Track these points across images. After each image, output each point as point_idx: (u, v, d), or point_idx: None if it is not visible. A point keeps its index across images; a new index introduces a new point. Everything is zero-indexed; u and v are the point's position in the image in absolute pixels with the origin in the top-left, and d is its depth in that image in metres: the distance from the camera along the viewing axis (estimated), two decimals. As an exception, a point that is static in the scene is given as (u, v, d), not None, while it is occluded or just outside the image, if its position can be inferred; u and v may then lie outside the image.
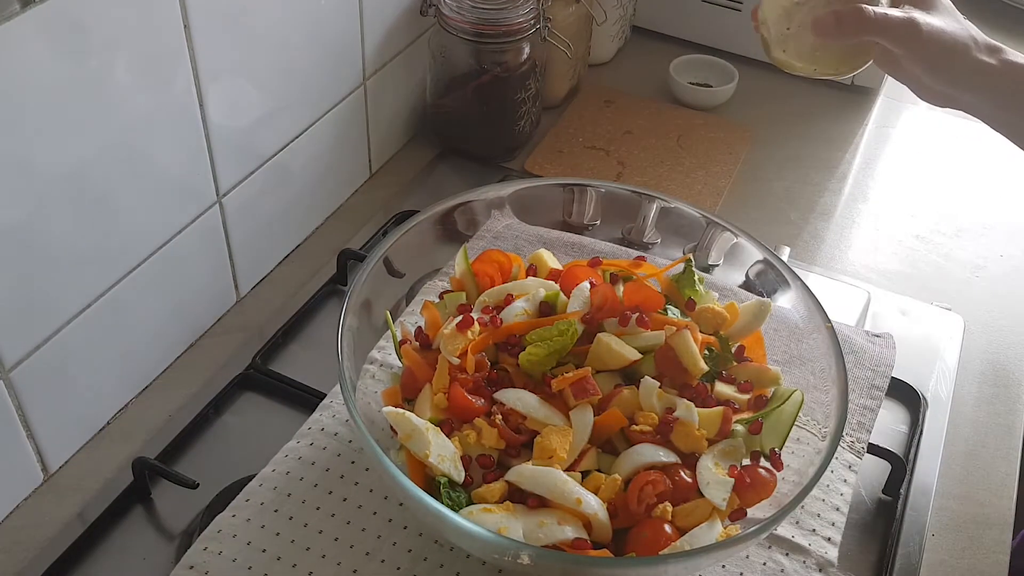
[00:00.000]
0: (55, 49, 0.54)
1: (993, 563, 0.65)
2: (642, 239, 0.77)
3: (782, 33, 0.67)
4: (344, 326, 0.59)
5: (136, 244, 0.66)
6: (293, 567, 0.58)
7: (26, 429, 0.62)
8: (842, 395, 0.57)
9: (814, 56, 0.67)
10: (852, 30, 0.64)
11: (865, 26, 0.63)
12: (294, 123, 0.79)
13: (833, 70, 0.68)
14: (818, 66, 0.68)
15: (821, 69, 0.68)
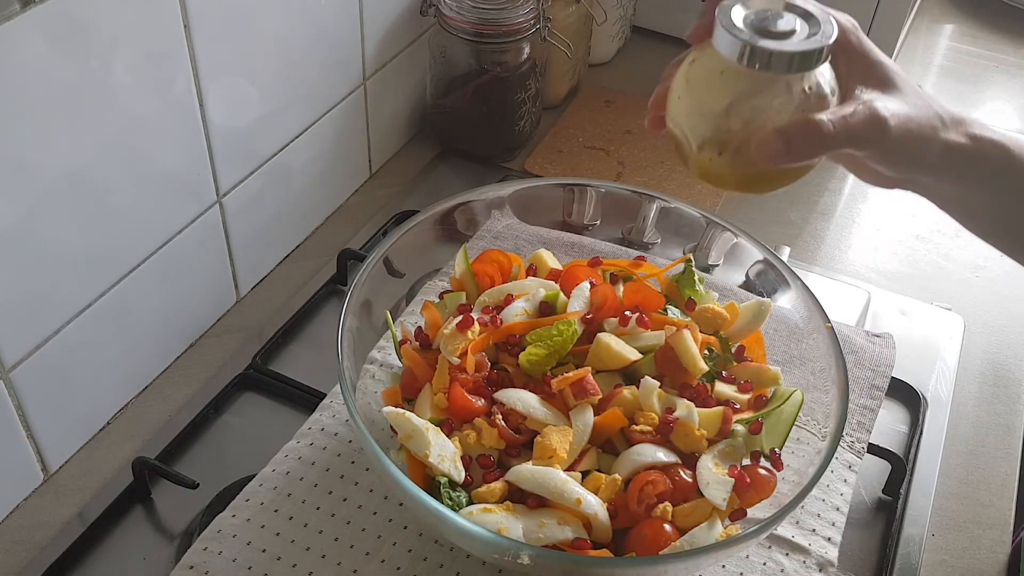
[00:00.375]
0: (55, 49, 0.54)
1: (993, 563, 0.65)
2: (642, 239, 0.77)
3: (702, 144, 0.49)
4: (344, 326, 0.59)
5: (136, 244, 0.66)
6: (293, 567, 0.58)
7: (26, 429, 0.62)
8: (842, 395, 0.57)
9: (748, 178, 0.50)
10: (808, 152, 0.48)
11: (825, 144, 0.47)
12: (294, 123, 0.79)
13: (770, 188, 0.52)
14: (755, 188, 0.51)
15: (758, 190, 0.52)
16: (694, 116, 0.49)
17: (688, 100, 0.50)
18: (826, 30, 0.46)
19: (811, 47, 0.45)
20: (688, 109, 0.50)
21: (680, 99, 0.51)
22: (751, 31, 0.46)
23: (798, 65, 0.46)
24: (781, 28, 0.46)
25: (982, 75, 1.19)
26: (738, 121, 0.47)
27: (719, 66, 0.47)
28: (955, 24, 1.30)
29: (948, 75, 1.19)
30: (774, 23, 0.46)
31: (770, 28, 0.46)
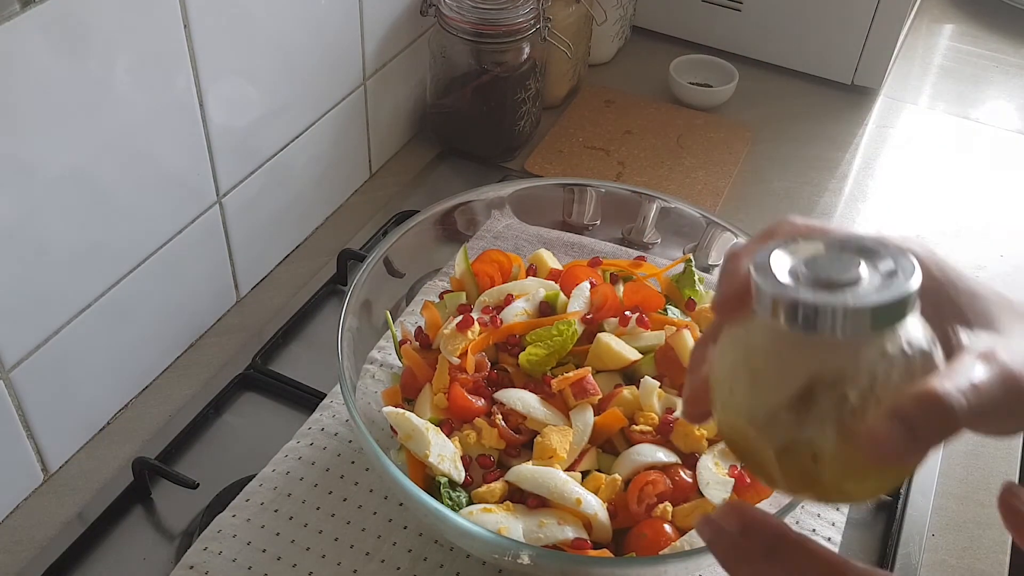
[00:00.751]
0: (56, 49, 0.54)
1: (993, 563, 0.65)
2: (642, 239, 0.77)
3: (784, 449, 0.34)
4: (344, 326, 0.59)
5: (136, 244, 0.66)
6: (293, 567, 0.58)
7: (26, 429, 0.62)
8: (842, 395, 0.57)
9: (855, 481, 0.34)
10: (938, 435, 0.33)
11: (958, 420, 0.32)
12: (294, 123, 0.79)
13: (882, 489, 0.36)
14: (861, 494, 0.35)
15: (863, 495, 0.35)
16: (763, 414, 0.34)
17: (749, 393, 0.34)
18: (903, 265, 0.33)
19: (899, 292, 0.32)
20: (751, 404, 0.34)
21: (734, 392, 0.35)
22: (808, 287, 0.33)
23: (888, 317, 0.32)
24: (843, 276, 0.33)
25: (982, 75, 1.19)
26: (828, 410, 0.33)
27: (778, 342, 0.33)
28: (955, 24, 1.30)
29: (948, 75, 1.19)
30: (832, 270, 0.33)
31: (830, 278, 0.33)
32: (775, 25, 1.11)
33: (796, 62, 1.13)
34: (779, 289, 0.33)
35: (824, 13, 1.07)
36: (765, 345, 0.34)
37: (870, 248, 0.34)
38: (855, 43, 1.08)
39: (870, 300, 0.32)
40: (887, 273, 0.33)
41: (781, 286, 0.33)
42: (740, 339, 0.35)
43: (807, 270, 0.33)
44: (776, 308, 0.33)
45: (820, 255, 0.34)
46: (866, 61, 1.09)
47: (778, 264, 0.34)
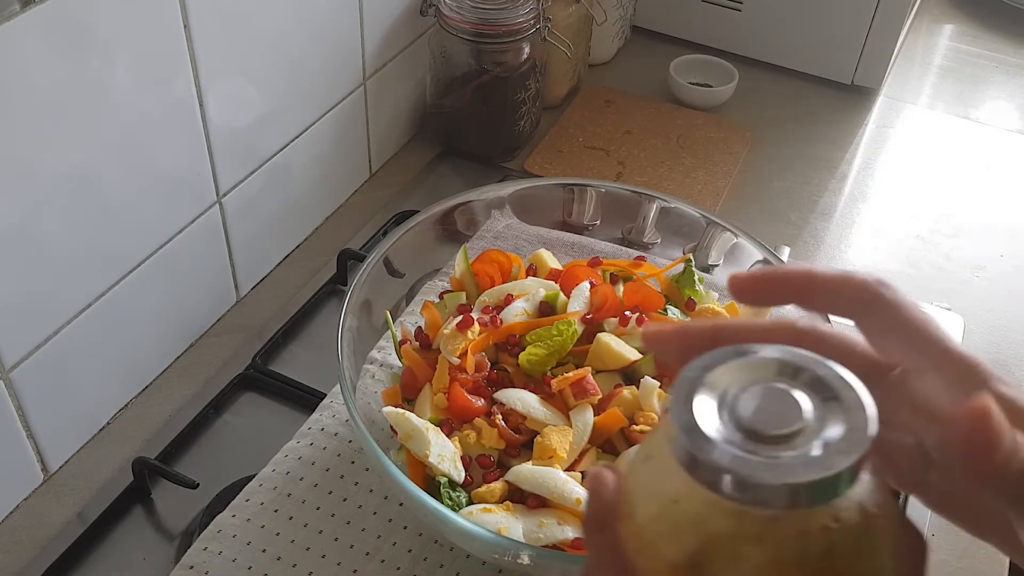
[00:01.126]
0: (55, 49, 0.54)
1: (993, 563, 0.65)
2: (642, 239, 0.77)
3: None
4: (344, 326, 0.59)
5: (136, 244, 0.66)
6: (293, 567, 0.58)
7: (26, 429, 0.62)
8: (842, 395, 0.57)
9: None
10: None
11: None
12: (294, 123, 0.79)
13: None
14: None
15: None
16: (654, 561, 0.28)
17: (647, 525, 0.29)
18: (855, 419, 0.27)
19: (830, 469, 0.26)
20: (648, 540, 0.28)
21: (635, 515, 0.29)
22: (729, 438, 0.27)
23: (813, 496, 0.26)
24: (775, 430, 0.27)
25: (982, 75, 1.19)
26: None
27: (684, 486, 0.27)
28: (955, 24, 1.30)
29: (948, 75, 1.19)
30: (766, 419, 0.27)
31: (760, 429, 0.27)
32: (775, 25, 1.11)
33: (796, 62, 1.13)
34: (688, 438, 0.27)
35: (824, 13, 1.07)
36: (661, 489, 0.28)
37: (826, 383, 0.28)
38: (855, 43, 1.08)
39: (789, 477, 0.26)
40: (832, 433, 0.27)
41: (692, 435, 0.27)
42: (648, 463, 0.30)
43: (736, 414, 0.27)
44: (684, 458, 0.27)
45: (760, 389, 0.28)
46: (866, 61, 1.09)
47: (705, 398, 0.28)
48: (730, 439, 0.27)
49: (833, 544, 0.27)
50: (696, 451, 0.27)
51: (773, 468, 0.26)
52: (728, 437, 0.27)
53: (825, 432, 0.27)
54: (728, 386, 0.28)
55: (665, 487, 0.28)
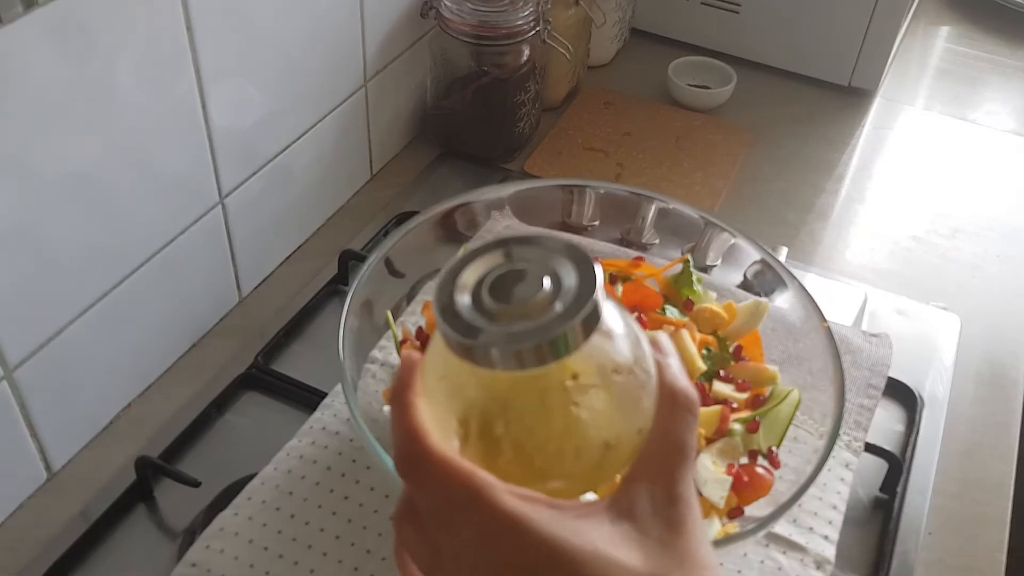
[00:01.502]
0: (58, 51, 0.55)
1: (990, 562, 0.66)
2: (641, 240, 0.78)
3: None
4: (345, 326, 0.59)
5: (139, 244, 0.67)
6: (295, 564, 0.58)
7: (29, 428, 0.62)
8: (839, 394, 0.58)
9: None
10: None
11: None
12: (296, 125, 0.79)
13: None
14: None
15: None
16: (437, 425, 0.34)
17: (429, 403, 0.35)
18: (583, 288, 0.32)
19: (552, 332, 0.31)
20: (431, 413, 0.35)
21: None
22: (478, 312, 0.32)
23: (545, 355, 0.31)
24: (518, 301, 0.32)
25: (979, 77, 1.19)
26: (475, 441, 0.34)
27: (443, 367, 0.34)
28: (951, 26, 1.30)
29: (945, 77, 1.19)
30: (512, 292, 0.32)
31: (501, 304, 0.32)
32: (773, 27, 1.11)
33: (794, 64, 1.13)
34: (442, 318, 0.32)
35: (821, 15, 1.08)
36: (443, 362, 0.34)
37: (565, 257, 0.33)
38: (852, 45, 1.08)
39: (519, 343, 0.31)
40: (562, 302, 0.31)
41: (446, 314, 0.32)
42: (435, 343, 0.35)
43: (488, 291, 0.32)
44: (443, 337, 0.32)
45: (509, 269, 0.33)
46: (863, 63, 1.09)
47: (463, 283, 0.33)
48: (478, 317, 0.32)
49: (573, 400, 0.32)
50: (449, 330, 0.32)
51: (510, 335, 0.31)
52: (476, 315, 0.32)
53: (557, 303, 0.31)
54: (480, 275, 0.33)
55: (437, 365, 0.34)
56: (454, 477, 0.32)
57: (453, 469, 0.32)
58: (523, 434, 0.33)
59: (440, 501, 0.32)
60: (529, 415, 0.33)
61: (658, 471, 0.34)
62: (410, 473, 0.33)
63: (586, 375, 0.33)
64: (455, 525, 0.32)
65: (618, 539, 0.32)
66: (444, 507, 0.32)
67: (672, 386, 0.35)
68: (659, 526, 0.33)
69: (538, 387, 0.33)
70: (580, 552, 0.31)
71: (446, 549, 0.33)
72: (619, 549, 0.31)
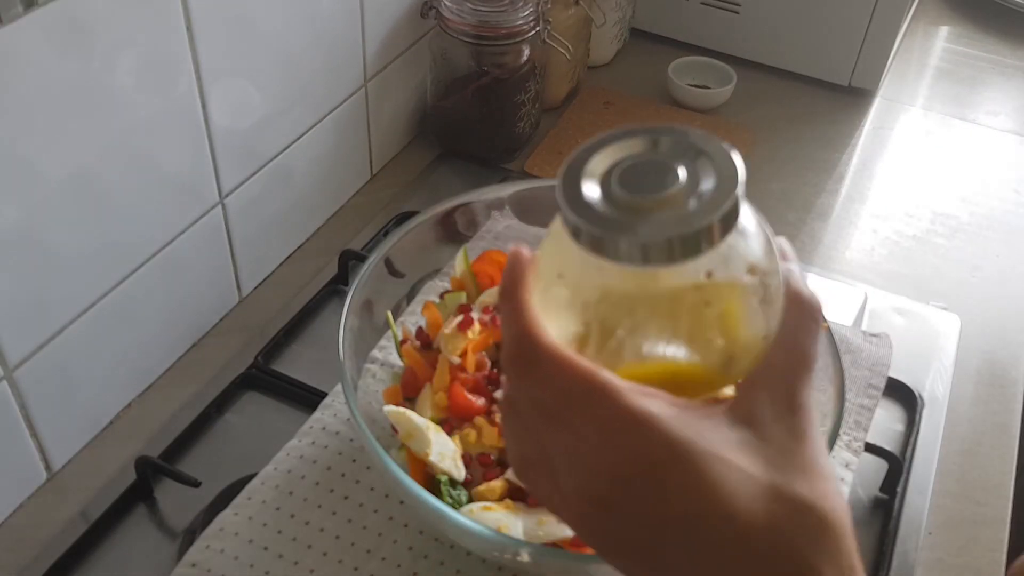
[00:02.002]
0: (58, 51, 0.55)
1: (990, 561, 0.66)
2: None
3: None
4: (345, 326, 0.59)
5: (139, 244, 0.67)
6: (295, 564, 0.58)
7: (29, 428, 0.62)
8: (839, 394, 0.58)
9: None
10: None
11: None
12: (296, 125, 0.80)
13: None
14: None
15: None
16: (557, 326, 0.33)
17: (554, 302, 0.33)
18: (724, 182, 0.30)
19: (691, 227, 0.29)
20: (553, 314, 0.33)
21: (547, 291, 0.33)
22: (608, 204, 0.30)
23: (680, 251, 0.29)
24: (651, 194, 0.30)
25: (979, 77, 1.19)
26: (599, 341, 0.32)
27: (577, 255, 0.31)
28: (951, 26, 1.30)
29: (945, 77, 1.19)
30: (644, 184, 0.30)
31: (635, 196, 0.30)
32: (773, 27, 1.11)
33: (794, 64, 1.13)
34: (571, 208, 0.30)
35: (821, 15, 1.08)
36: (571, 255, 0.31)
37: (701, 151, 0.31)
38: (852, 45, 1.08)
39: (656, 235, 0.29)
40: (704, 192, 0.29)
41: (574, 204, 0.30)
42: (553, 237, 0.33)
43: (618, 182, 0.30)
44: (570, 228, 0.31)
45: (638, 163, 0.31)
46: (863, 63, 1.09)
47: (591, 171, 0.31)
48: (609, 208, 0.29)
49: (704, 299, 0.30)
50: (577, 219, 0.29)
51: (642, 227, 0.29)
52: (607, 206, 0.30)
53: (696, 194, 0.29)
54: (610, 165, 0.31)
55: (554, 263, 0.32)
56: (575, 373, 0.31)
57: (573, 365, 0.31)
58: (648, 335, 0.31)
59: (556, 397, 0.31)
60: (658, 315, 0.31)
61: (781, 378, 0.33)
62: (524, 369, 0.32)
63: (720, 273, 0.30)
64: (572, 422, 0.31)
65: (738, 444, 0.31)
66: (561, 404, 0.31)
67: (798, 292, 0.34)
68: (780, 433, 0.32)
69: (669, 284, 0.30)
70: (703, 453, 0.30)
71: (556, 447, 0.32)
72: (740, 454, 0.31)
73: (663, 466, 0.30)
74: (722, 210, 0.29)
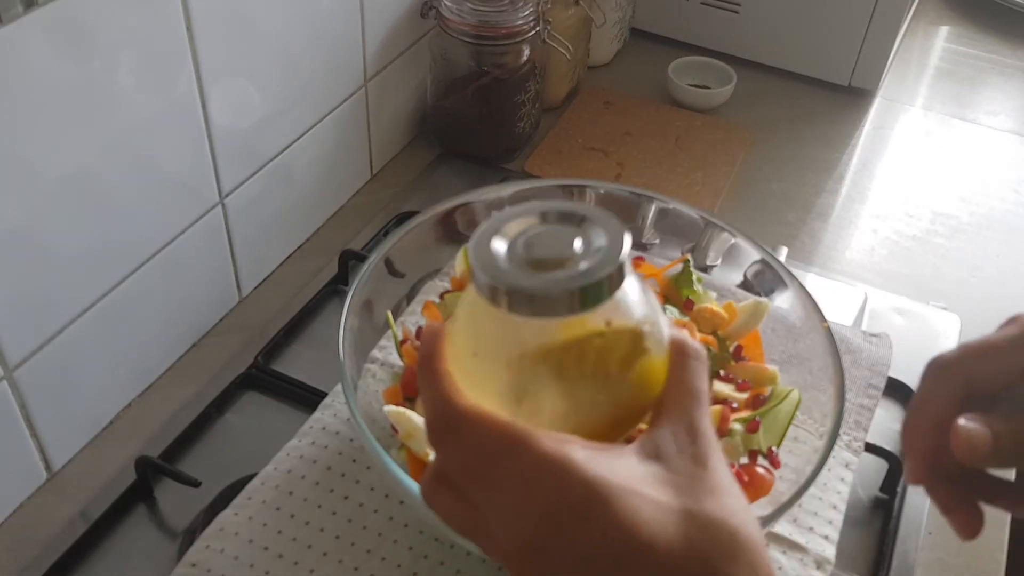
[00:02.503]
0: (58, 51, 0.55)
1: (990, 562, 0.66)
2: (641, 239, 0.78)
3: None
4: (345, 326, 0.59)
5: (139, 244, 0.67)
6: (295, 564, 0.58)
7: (29, 428, 0.62)
8: (839, 394, 0.58)
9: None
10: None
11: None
12: (296, 124, 0.80)
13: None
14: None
15: None
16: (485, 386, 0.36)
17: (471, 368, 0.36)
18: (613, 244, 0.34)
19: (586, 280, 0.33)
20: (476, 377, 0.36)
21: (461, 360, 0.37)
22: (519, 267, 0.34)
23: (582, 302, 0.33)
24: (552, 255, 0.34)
25: (979, 77, 1.19)
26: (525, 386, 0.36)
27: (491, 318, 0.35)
28: (951, 26, 1.30)
29: (945, 77, 1.19)
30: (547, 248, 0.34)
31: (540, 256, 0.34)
32: (773, 27, 1.11)
33: (794, 64, 1.13)
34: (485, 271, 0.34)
35: (821, 15, 1.08)
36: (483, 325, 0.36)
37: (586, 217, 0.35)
38: (852, 45, 1.08)
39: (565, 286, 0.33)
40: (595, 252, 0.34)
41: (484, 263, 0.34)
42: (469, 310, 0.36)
43: (524, 248, 0.35)
44: (480, 287, 0.34)
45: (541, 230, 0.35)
46: (863, 63, 1.09)
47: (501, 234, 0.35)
48: (515, 269, 0.34)
49: (607, 345, 0.35)
50: (487, 279, 0.33)
51: (548, 283, 0.33)
52: (513, 268, 0.34)
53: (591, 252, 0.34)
54: (516, 233, 0.35)
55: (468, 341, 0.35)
56: (491, 429, 0.33)
57: (490, 422, 0.33)
58: (560, 385, 0.35)
59: (478, 456, 0.34)
60: (568, 365, 0.35)
61: (678, 414, 0.36)
62: (445, 435, 0.35)
63: (618, 321, 0.35)
64: (496, 478, 0.33)
65: (649, 477, 0.33)
66: (482, 462, 0.34)
67: (681, 339, 0.38)
68: (685, 462, 0.35)
69: (575, 334, 0.34)
70: (617, 488, 0.32)
71: (486, 505, 0.34)
72: (651, 486, 0.33)
73: (581, 504, 0.32)
74: (616, 263, 0.33)
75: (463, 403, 0.34)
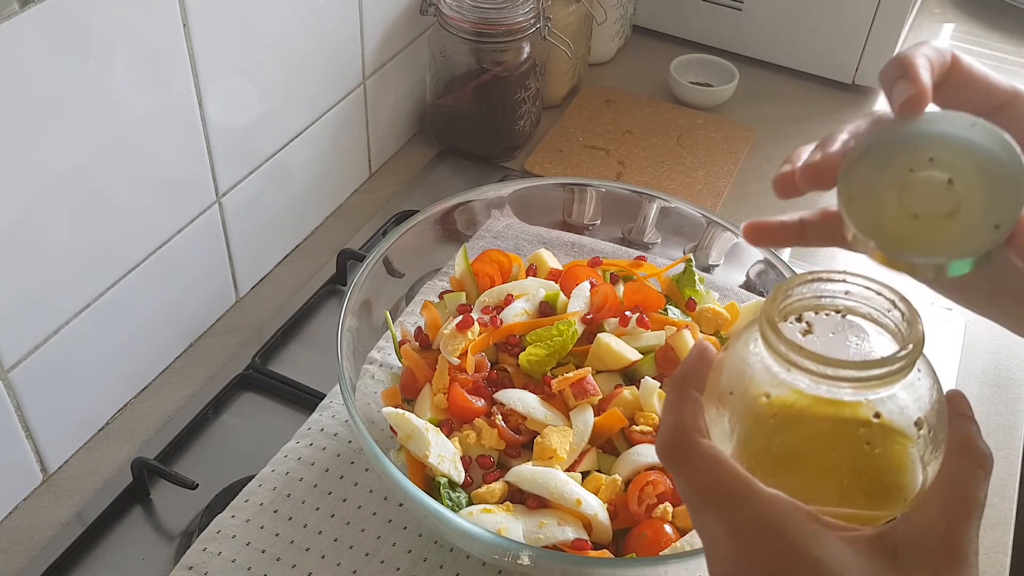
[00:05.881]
0: (54, 48, 0.54)
1: (994, 563, 0.65)
2: (642, 239, 0.77)
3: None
4: (344, 326, 0.59)
5: (135, 244, 0.66)
6: (292, 567, 0.58)
7: (25, 429, 0.62)
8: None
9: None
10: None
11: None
12: (294, 123, 0.79)
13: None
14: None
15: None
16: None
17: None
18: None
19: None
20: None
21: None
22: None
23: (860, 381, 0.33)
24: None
25: (983, 75, 1.19)
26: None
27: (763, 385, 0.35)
28: (956, 23, 1.29)
29: (949, 75, 1.19)
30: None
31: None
32: (776, 25, 1.10)
33: (797, 61, 1.12)
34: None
35: (825, 13, 1.07)
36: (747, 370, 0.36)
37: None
38: (856, 43, 1.08)
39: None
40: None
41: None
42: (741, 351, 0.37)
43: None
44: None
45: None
46: (867, 61, 1.09)
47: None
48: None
49: (866, 438, 0.33)
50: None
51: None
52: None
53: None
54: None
55: (730, 376, 0.35)
56: (719, 470, 0.32)
57: (719, 463, 0.33)
58: (805, 455, 0.34)
59: (697, 492, 0.33)
60: (819, 438, 0.33)
61: (938, 520, 0.32)
62: (670, 459, 0.34)
63: (887, 417, 0.33)
64: (707, 517, 0.33)
65: (870, 573, 0.31)
66: (698, 499, 0.33)
67: (970, 439, 0.34)
68: (923, 573, 0.31)
69: (839, 415, 0.33)
70: (828, 573, 0.30)
71: (701, 532, 0.34)
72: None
73: (786, 573, 0.30)
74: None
75: (697, 436, 0.34)
